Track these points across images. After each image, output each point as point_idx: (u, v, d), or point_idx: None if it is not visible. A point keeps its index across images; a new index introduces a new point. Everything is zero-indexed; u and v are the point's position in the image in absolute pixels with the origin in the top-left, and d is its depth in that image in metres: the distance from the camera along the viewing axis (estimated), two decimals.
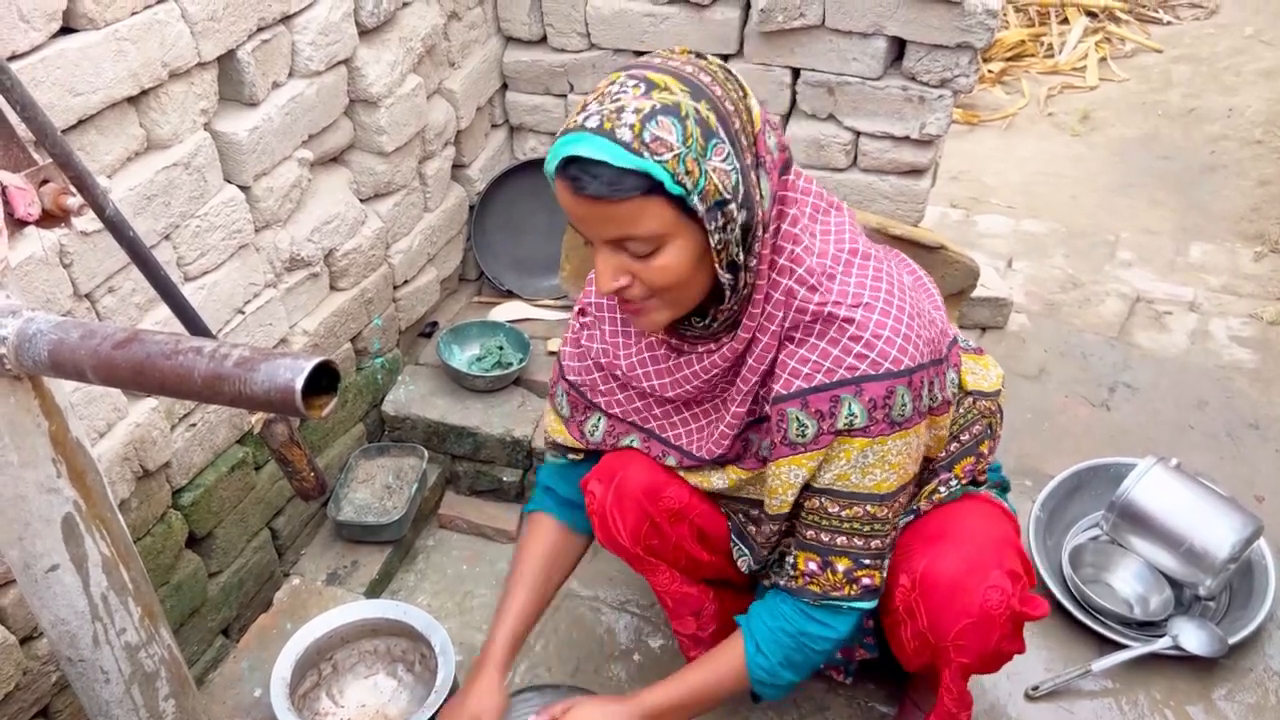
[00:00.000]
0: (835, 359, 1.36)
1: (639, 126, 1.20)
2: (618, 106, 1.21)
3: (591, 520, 1.66)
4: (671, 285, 1.31)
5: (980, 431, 1.63)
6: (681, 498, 1.61)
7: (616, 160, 1.20)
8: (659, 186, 1.21)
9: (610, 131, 1.20)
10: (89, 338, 1.00)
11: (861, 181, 2.55)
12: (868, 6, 2.29)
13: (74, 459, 1.17)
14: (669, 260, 1.29)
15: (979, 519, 1.59)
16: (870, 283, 1.38)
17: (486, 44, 2.63)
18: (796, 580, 1.51)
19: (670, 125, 1.21)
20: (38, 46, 1.46)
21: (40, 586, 1.21)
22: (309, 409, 0.91)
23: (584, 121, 1.22)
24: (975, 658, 1.52)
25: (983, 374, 1.65)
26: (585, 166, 1.21)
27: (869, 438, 1.38)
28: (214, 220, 1.85)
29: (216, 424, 1.97)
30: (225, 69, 1.83)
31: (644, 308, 1.36)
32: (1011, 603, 1.48)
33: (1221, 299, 3.21)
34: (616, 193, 1.21)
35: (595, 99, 1.25)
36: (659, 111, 1.21)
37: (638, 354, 1.56)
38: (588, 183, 1.22)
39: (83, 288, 1.61)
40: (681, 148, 1.21)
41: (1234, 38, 5.29)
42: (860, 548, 1.47)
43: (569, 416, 1.70)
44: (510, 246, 2.80)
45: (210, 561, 2.03)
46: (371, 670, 1.94)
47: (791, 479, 1.44)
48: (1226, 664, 2.00)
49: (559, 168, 1.24)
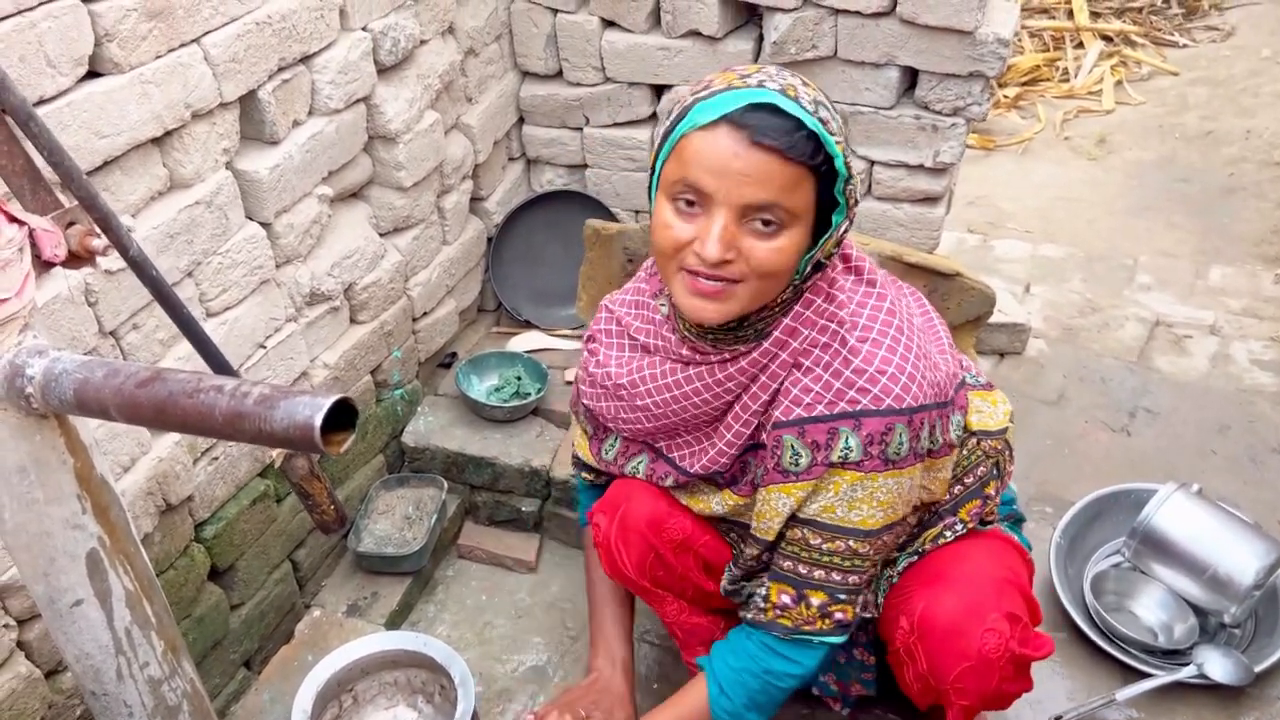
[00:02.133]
0: (837, 391, 1.36)
1: (814, 106, 1.24)
2: (788, 83, 1.24)
3: (598, 552, 1.67)
4: (774, 272, 1.31)
5: (985, 473, 1.60)
6: (685, 528, 1.61)
7: (808, 122, 1.22)
8: (822, 165, 1.24)
9: (795, 98, 1.23)
10: (113, 377, 1.02)
11: (876, 209, 2.56)
12: (879, 37, 2.31)
13: (98, 495, 1.18)
14: (785, 243, 1.29)
15: (981, 559, 1.56)
16: (884, 317, 1.38)
17: (503, 79, 2.67)
18: (766, 613, 1.50)
19: (831, 114, 1.26)
20: (64, 91, 1.50)
21: (65, 621, 1.22)
22: (328, 445, 0.93)
23: (761, 83, 1.24)
24: (976, 699, 1.50)
25: (989, 412, 1.62)
26: (773, 117, 1.22)
27: (861, 472, 1.38)
28: (235, 257, 1.87)
29: (238, 457, 1.99)
30: (246, 108, 1.86)
31: (730, 291, 1.33)
32: (1010, 645, 1.45)
33: (1242, 322, 3.19)
34: (793, 150, 1.22)
35: (755, 73, 1.26)
36: (820, 101, 1.25)
37: (638, 370, 1.56)
38: (773, 133, 1.22)
39: (107, 325, 1.64)
40: (841, 137, 1.26)
41: (1251, 60, 5.28)
42: (838, 583, 1.45)
43: (592, 434, 1.73)
44: (528, 278, 2.82)
45: (232, 594, 2.04)
46: (392, 702, 1.94)
47: (779, 507, 1.44)
48: (1253, 692, 1.97)
49: (736, 114, 1.22)
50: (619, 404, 1.61)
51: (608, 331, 1.63)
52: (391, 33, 2.12)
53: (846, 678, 1.77)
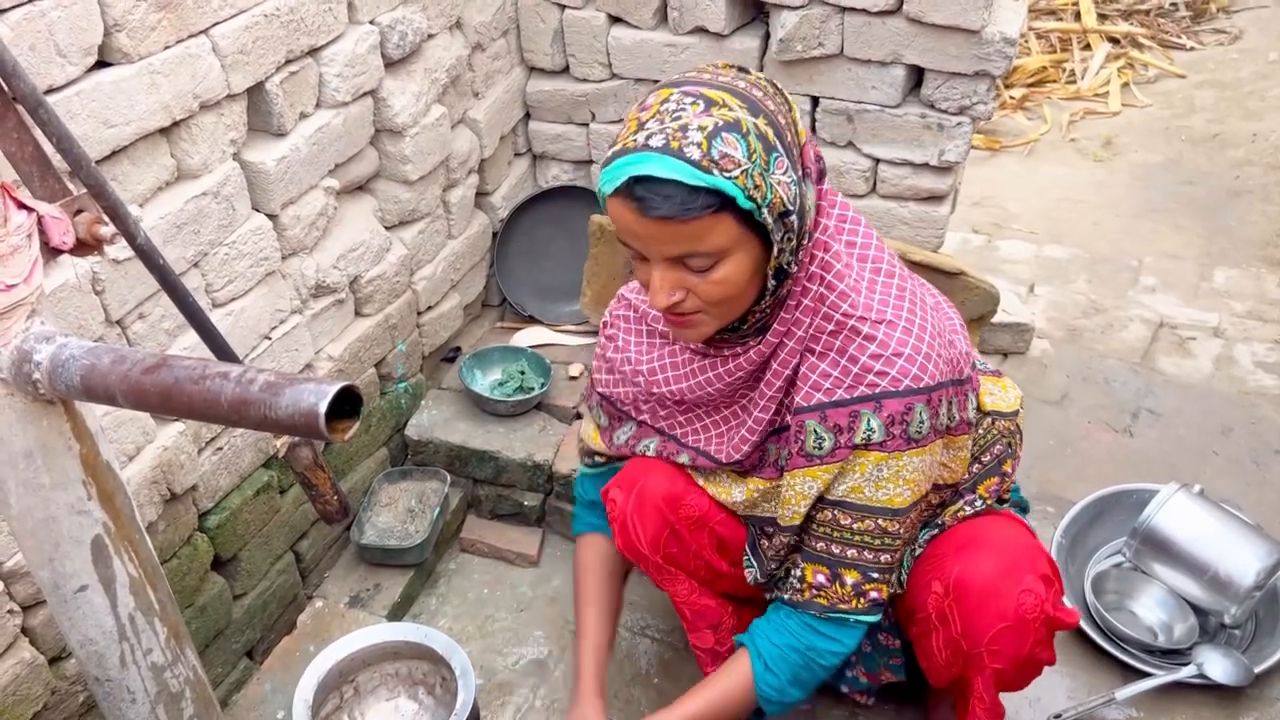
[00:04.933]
0: (856, 375, 1.38)
1: (706, 144, 1.20)
2: (681, 124, 1.22)
3: (612, 527, 1.68)
4: (726, 296, 1.33)
5: (1002, 451, 1.64)
6: (701, 505, 1.63)
7: (689, 179, 1.20)
8: (729, 203, 1.23)
9: (679, 150, 1.20)
10: (119, 363, 1.03)
11: (881, 208, 2.56)
12: (886, 36, 2.31)
13: (104, 481, 1.19)
14: (727, 273, 1.30)
15: (1008, 528, 1.60)
16: (894, 300, 1.39)
17: (510, 74, 2.67)
18: (803, 593, 1.52)
19: (735, 142, 1.22)
20: (74, 80, 1.51)
21: (69, 607, 1.23)
22: (332, 432, 0.94)
23: (647, 140, 1.22)
24: (1009, 663, 1.52)
25: (1000, 395, 1.65)
26: (654, 186, 1.21)
27: (885, 452, 1.40)
28: (242, 248, 1.88)
29: (242, 448, 2.00)
30: (254, 100, 1.87)
31: (694, 320, 1.37)
32: (1046, 607, 1.48)
33: (1246, 324, 3.19)
34: (688, 212, 1.22)
35: (653, 118, 1.24)
36: (723, 129, 1.22)
37: (659, 359, 1.59)
38: (658, 203, 1.22)
39: (114, 314, 1.65)
40: (748, 163, 1.22)
41: (1258, 63, 5.27)
42: (870, 561, 1.47)
43: (605, 425, 1.74)
44: (532, 273, 2.83)
45: (235, 584, 2.05)
46: (393, 693, 1.95)
47: (805, 490, 1.45)
48: (1253, 693, 1.97)
49: (623, 188, 1.23)
50: (637, 390, 1.63)
51: (625, 318, 1.65)
52: (399, 26, 2.13)
53: (874, 667, 1.78)
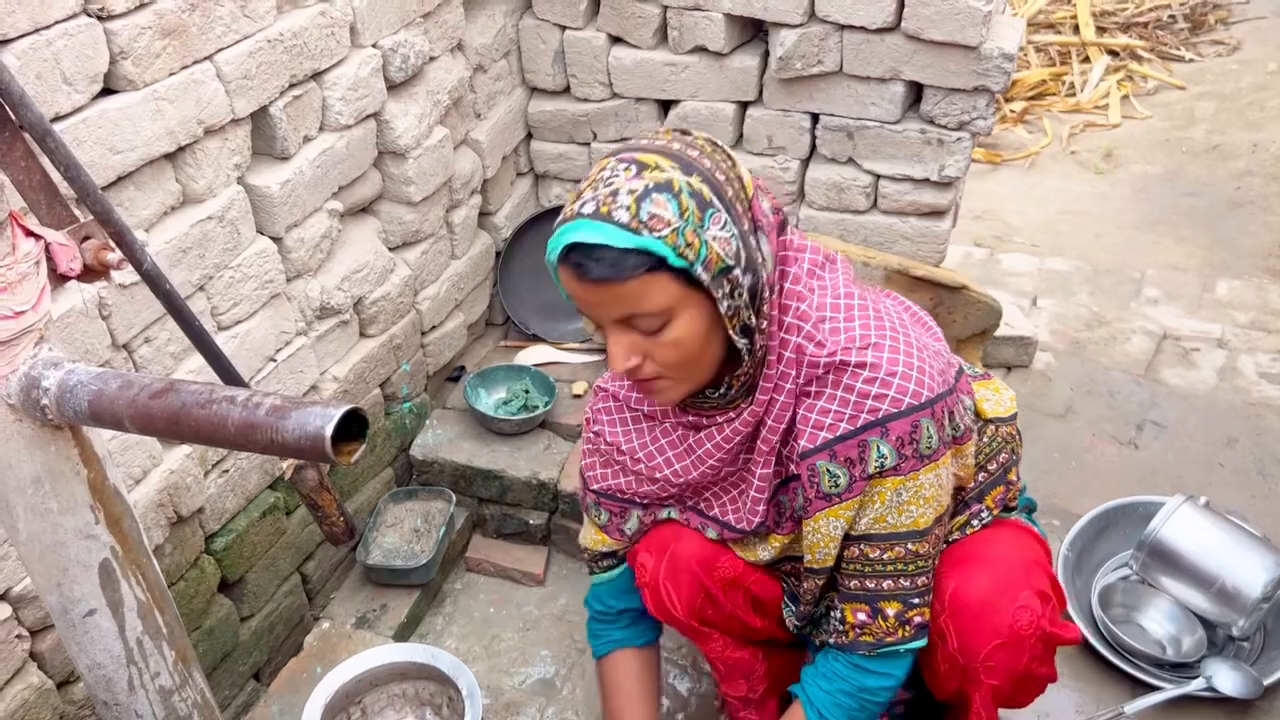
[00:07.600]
0: (855, 404, 1.37)
1: (635, 206, 1.23)
2: (611, 190, 1.25)
3: (642, 592, 1.67)
4: (684, 358, 1.34)
5: (1006, 459, 1.64)
6: (737, 566, 1.61)
7: (617, 241, 1.23)
8: (662, 262, 1.24)
9: (607, 215, 1.24)
10: (127, 388, 1.03)
11: (882, 223, 2.57)
12: (885, 53, 2.33)
13: (111, 505, 1.20)
14: (679, 333, 1.31)
15: (1008, 542, 1.60)
16: (873, 324, 1.39)
17: (511, 95, 2.69)
18: (847, 635, 1.51)
19: (665, 201, 1.24)
20: (80, 108, 1.52)
21: (78, 631, 1.24)
22: (339, 455, 0.94)
23: (580, 209, 1.26)
24: (1005, 679, 1.51)
25: (996, 400, 1.65)
26: (587, 252, 1.25)
27: (901, 475, 1.39)
28: (247, 271, 1.89)
29: (248, 470, 2.00)
30: (258, 124, 1.88)
31: (657, 385, 1.38)
32: (1041, 623, 1.48)
33: (1250, 335, 3.19)
34: (620, 273, 1.24)
35: (589, 186, 1.28)
36: (652, 190, 1.24)
37: (652, 442, 1.57)
38: (591, 267, 1.25)
39: (120, 338, 1.66)
40: (679, 221, 1.24)
41: (1257, 74, 5.29)
42: (907, 588, 1.47)
43: (608, 523, 1.69)
44: (535, 291, 2.84)
45: (242, 606, 2.06)
46: (400, 714, 1.94)
47: (831, 531, 1.45)
48: (1262, 706, 1.97)
49: (561, 256, 1.28)
50: (638, 476, 1.61)
51: (606, 409, 1.63)
52: (401, 50, 2.15)
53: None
